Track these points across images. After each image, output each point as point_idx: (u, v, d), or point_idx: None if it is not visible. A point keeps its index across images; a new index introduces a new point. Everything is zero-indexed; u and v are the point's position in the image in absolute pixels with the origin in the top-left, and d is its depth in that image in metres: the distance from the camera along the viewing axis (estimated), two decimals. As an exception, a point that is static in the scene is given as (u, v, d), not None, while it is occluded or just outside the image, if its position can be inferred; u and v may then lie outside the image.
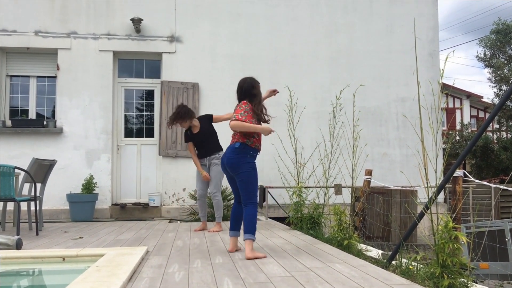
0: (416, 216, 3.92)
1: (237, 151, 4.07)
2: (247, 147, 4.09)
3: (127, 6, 8.38)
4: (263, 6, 8.78)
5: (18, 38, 8.08)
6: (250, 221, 4.01)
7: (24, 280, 3.85)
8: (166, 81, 8.32)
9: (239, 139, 4.11)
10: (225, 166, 4.17)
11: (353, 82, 8.52)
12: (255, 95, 4.22)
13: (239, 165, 4.05)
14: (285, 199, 7.80)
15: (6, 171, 5.31)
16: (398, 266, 3.85)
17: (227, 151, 4.18)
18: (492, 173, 16.97)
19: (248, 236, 3.95)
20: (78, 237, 5.41)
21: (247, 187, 4.05)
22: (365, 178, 6.13)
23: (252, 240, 3.95)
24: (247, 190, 4.05)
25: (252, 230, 3.98)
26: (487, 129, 13.91)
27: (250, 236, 3.95)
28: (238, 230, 4.28)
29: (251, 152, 4.10)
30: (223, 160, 4.19)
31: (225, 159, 4.15)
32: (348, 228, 4.99)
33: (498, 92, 20.05)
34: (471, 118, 25.16)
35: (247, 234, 3.96)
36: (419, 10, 9.23)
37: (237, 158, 4.06)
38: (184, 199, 8.21)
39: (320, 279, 3.08)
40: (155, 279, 3.10)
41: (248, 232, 3.97)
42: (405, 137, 8.94)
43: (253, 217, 4.02)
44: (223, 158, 4.19)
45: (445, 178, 3.73)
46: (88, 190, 7.64)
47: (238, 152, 4.07)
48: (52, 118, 8.29)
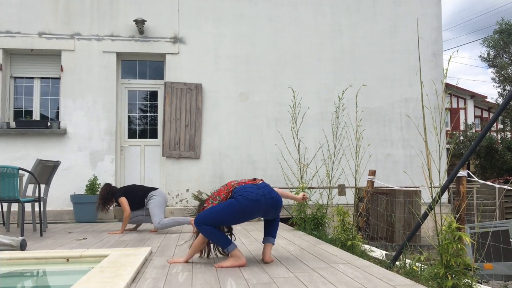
0: (420, 217, 3.91)
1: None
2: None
3: (131, 7, 8.40)
4: (267, 7, 8.78)
5: (22, 39, 8.12)
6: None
7: (28, 281, 3.86)
8: (170, 82, 8.33)
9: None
10: (275, 204, 3.68)
11: (356, 83, 8.53)
12: None
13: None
14: (288, 199, 7.80)
15: (10, 172, 5.33)
16: (402, 266, 3.85)
17: (272, 189, 3.74)
18: (496, 173, 16.92)
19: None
20: (82, 238, 5.42)
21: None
22: (368, 179, 6.12)
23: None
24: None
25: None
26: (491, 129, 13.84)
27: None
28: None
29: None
30: (276, 197, 3.70)
31: (277, 198, 3.72)
32: (352, 228, 4.98)
33: (502, 92, 20.00)
34: (475, 118, 25.10)
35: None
36: (423, 10, 9.21)
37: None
38: (187, 199, 8.22)
39: (323, 280, 3.08)
40: (159, 280, 3.11)
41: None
42: (408, 138, 8.92)
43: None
44: (275, 195, 3.70)
45: (449, 178, 3.72)
46: (92, 191, 7.66)
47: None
48: (56, 119, 8.32)
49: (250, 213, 3.56)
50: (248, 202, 3.51)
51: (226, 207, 3.54)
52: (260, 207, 3.58)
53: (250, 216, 3.59)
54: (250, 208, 3.53)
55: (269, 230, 3.82)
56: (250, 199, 3.53)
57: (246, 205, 3.51)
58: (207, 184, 8.27)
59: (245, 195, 3.55)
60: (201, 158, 8.34)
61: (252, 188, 3.64)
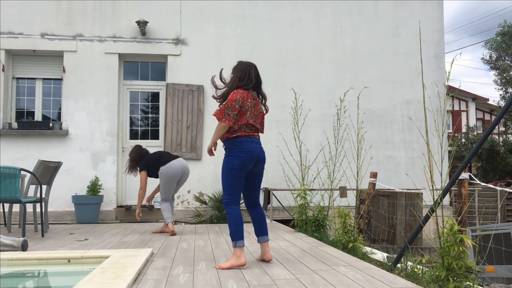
0: (421, 219, 3.91)
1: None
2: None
3: (133, 8, 8.41)
4: (268, 8, 8.79)
5: (24, 40, 8.13)
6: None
7: (30, 281, 3.86)
8: (171, 83, 8.34)
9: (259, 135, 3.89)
10: (259, 161, 3.75)
11: (358, 84, 8.51)
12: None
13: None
14: (289, 201, 7.81)
15: (12, 173, 5.33)
16: (403, 269, 3.84)
17: (257, 145, 3.75)
18: (498, 176, 16.89)
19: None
20: (83, 239, 5.42)
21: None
22: (370, 181, 6.12)
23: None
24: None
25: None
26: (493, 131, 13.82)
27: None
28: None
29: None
30: (260, 154, 3.73)
31: (262, 154, 3.77)
32: (353, 230, 4.98)
33: (504, 94, 19.97)
34: (477, 120, 25.08)
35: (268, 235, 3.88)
36: (425, 12, 9.21)
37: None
38: (189, 201, 8.22)
39: (324, 282, 3.07)
40: (160, 281, 3.11)
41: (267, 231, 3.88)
42: (410, 140, 8.92)
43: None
44: (259, 152, 3.73)
45: (451, 181, 3.71)
46: (93, 192, 7.67)
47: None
48: (58, 120, 8.33)
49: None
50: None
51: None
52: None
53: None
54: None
55: (260, 228, 3.86)
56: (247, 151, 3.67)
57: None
58: (208, 185, 8.27)
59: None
60: (202, 159, 8.34)
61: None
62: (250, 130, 3.73)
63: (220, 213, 7.78)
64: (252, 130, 3.75)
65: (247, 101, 3.70)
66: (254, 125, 3.74)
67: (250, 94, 3.77)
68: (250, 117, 3.71)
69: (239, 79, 3.78)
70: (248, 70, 3.83)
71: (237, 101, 3.63)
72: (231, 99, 3.64)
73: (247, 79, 3.79)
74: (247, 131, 3.70)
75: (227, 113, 3.61)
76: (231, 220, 3.63)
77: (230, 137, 3.68)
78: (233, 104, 3.62)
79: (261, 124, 3.86)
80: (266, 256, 3.82)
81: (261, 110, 3.88)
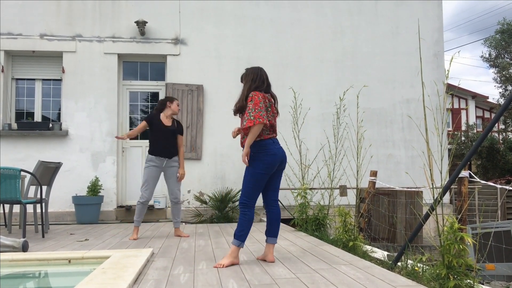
0: (421, 218, 3.91)
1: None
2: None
3: (132, 9, 8.41)
4: (268, 8, 8.78)
5: (23, 41, 8.13)
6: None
7: (30, 282, 3.87)
8: (171, 83, 8.34)
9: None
10: (282, 161, 3.82)
11: (358, 84, 8.52)
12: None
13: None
14: (290, 200, 7.81)
15: (12, 173, 5.34)
16: (403, 267, 3.84)
17: (280, 146, 3.82)
18: (498, 173, 16.90)
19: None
20: (83, 239, 5.43)
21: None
22: (370, 179, 6.12)
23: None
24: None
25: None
26: (492, 129, 13.82)
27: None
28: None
29: None
30: (283, 155, 3.80)
31: (284, 154, 3.82)
32: (353, 229, 4.98)
33: (503, 92, 19.98)
34: (477, 118, 25.08)
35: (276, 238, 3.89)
36: (424, 11, 9.21)
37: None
38: (189, 201, 8.22)
39: (325, 281, 3.08)
40: (161, 281, 3.11)
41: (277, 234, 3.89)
42: (410, 138, 8.92)
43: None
44: (281, 152, 3.79)
45: (451, 179, 3.71)
46: (93, 192, 7.67)
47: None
48: (58, 120, 8.33)
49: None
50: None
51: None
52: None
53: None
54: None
55: (272, 229, 3.86)
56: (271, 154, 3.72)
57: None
58: (208, 185, 8.27)
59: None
60: (202, 159, 8.34)
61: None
62: (271, 132, 3.79)
63: (220, 212, 7.79)
64: (271, 131, 3.80)
65: (266, 101, 3.75)
66: (274, 125, 3.80)
67: (266, 96, 3.80)
68: (271, 117, 3.79)
69: (253, 81, 3.82)
70: (259, 73, 3.88)
71: (261, 101, 3.66)
72: (255, 102, 3.64)
73: (259, 81, 3.83)
74: (268, 133, 3.75)
75: (257, 114, 3.60)
76: (245, 221, 3.69)
77: (255, 141, 3.70)
78: (259, 104, 3.64)
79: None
80: (268, 257, 3.82)
81: (275, 111, 3.93)
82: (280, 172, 3.90)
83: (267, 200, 3.92)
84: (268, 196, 3.91)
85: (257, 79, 3.82)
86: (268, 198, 3.92)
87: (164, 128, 5.50)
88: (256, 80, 3.81)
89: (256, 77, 3.83)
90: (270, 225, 3.87)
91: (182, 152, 5.68)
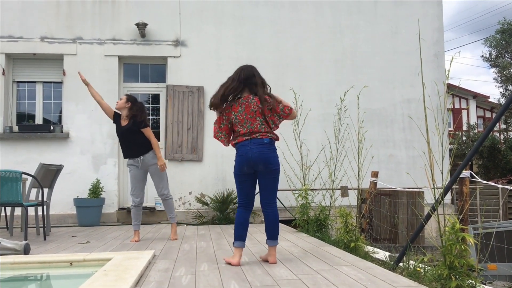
0: (423, 218, 3.91)
1: (268, 146, 3.79)
2: (274, 142, 3.89)
3: (132, 11, 8.42)
4: (268, 9, 8.79)
5: (24, 44, 8.14)
6: (278, 223, 3.88)
7: (32, 285, 3.87)
8: (172, 85, 8.34)
9: (267, 134, 3.81)
10: (254, 162, 3.75)
11: (358, 84, 8.50)
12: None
13: (275, 161, 3.81)
14: (291, 201, 7.80)
15: (14, 176, 5.34)
16: (405, 268, 3.84)
17: (252, 146, 3.76)
18: (499, 173, 16.88)
19: (277, 241, 3.87)
20: (85, 242, 5.43)
21: (276, 185, 3.88)
22: (371, 180, 6.12)
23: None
24: (275, 189, 3.87)
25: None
26: (493, 129, 13.82)
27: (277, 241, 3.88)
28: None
29: (276, 148, 3.91)
30: (251, 155, 3.73)
31: (256, 154, 3.73)
32: (355, 230, 4.98)
33: (504, 92, 19.97)
34: (478, 118, 25.05)
35: (277, 240, 3.85)
36: (424, 11, 9.20)
37: (272, 153, 3.78)
38: (190, 202, 8.22)
39: (327, 282, 3.08)
40: (162, 283, 3.11)
41: (277, 237, 3.85)
42: (411, 139, 8.91)
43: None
44: (250, 154, 3.74)
45: (452, 179, 3.71)
46: (95, 194, 7.67)
47: (270, 147, 3.80)
48: (59, 123, 8.33)
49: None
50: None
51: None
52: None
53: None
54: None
55: (269, 232, 3.86)
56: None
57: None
58: (209, 186, 8.27)
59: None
60: (203, 160, 8.34)
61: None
62: (248, 134, 3.83)
63: (221, 214, 7.78)
64: (248, 134, 3.82)
65: (231, 114, 3.88)
66: (249, 130, 3.82)
67: (236, 104, 3.89)
68: (242, 124, 3.85)
69: (228, 80, 4.06)
70: (240, 72, 4.10)
71: (216, 133, 4.05)
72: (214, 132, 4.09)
73: (230, 80, 4.02)
74: (240, 136, 3.87)
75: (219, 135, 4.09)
76: (235, 220, 3.86)
77: (233, 145, 3.97)
78: (216, 135, 4.10)
79: (265, 122, 3.84)
80: (270, 259, 3.82)
81: (255, 109, 3.84)
82: (267, 174, 3.80)
83: (261, 202, 3.92)
84: (261, 197, 3.91)
85: (230, 78, 4.04)
86: (261, 200, 3.92)
87: (120, 129, 5.56)
88: (230, 79, 4.03)
89: (232, 76, 4.07)
90: (267, 228, 3.88)
91: (155, 143, 5.49)
